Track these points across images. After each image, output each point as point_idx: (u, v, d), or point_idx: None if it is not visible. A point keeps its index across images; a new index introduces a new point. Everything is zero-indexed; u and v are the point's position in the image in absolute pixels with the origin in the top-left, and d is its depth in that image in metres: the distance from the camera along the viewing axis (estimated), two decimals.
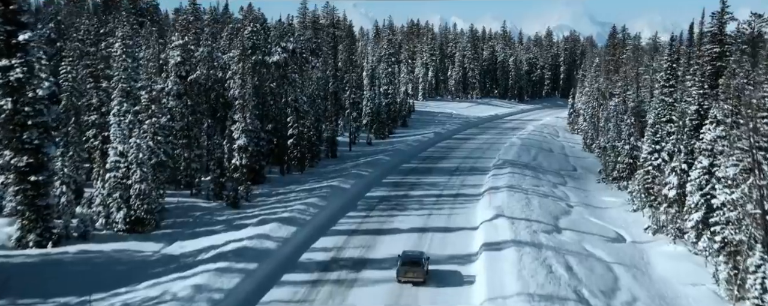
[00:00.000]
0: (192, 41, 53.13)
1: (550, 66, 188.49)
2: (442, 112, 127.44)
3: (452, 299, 31.50)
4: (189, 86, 49.18)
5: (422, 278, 33.06)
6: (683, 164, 46.30)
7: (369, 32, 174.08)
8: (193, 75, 49.10)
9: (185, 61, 49.14)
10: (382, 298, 31.23)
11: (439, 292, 32.17)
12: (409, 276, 33.07)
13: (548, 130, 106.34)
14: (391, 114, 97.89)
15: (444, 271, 34.62)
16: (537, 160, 73.97)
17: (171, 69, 49.04)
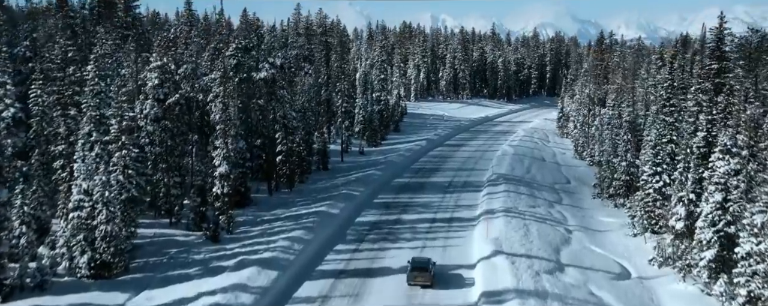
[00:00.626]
0: (173, 60, 47.07)
1: (536, 65, 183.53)
2: (433, 115, 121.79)
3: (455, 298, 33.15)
4: (168, 110, 43.29)
5: (430, 282, 34.68)
6: (691, 194, 40.84)
7: (363, 33, 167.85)
8: (172, 98, 43.18)
9: (163, 83, 43.21)
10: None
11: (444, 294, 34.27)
12: (418, 280, 34.73)
13: (538, 135, 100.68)
14: (383, 120, 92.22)
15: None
16: (530, 172, 68.34)
17: (148, 91, 43.12)
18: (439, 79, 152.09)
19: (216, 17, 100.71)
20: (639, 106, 67.46)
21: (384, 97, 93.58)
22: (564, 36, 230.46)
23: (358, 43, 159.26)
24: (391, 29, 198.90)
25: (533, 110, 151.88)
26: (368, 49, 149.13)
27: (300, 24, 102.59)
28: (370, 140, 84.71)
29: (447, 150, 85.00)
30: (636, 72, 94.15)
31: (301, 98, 68.33)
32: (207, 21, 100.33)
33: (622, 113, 64.36)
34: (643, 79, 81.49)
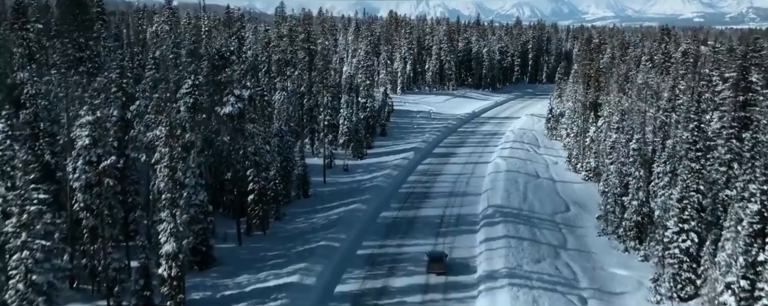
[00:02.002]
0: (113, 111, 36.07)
1: (519, 53, 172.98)
2: (420, 111, 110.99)
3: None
4: (103, 174, 32.50)
5: (445, 271, 39.87)
6: (741, 280, 30.91)
7: (351, 24, 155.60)
8: (108, 160, 32.31)
9: (96, 143, 32.35)
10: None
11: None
12: (435, 269, 39.87)
13: (527, 137, 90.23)
14: (369, 128, 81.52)
15: None
16: (527, 199, 58.04)
17: (78, 152, 32.26)
18: (425, 71, 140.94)
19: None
20: (647, 130, 56.81)
21: (370, 103, 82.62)
22: (542, 20, 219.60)
23: (345, 34, 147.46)
24: (379, 18, 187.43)
25: (518, 102, 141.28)
26: (355, 40, 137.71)
27: (282, 27, 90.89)
28: (356, 152, 74.18)
29: (436, 163, 74.32)
30: (629, 75, 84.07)
31: (280, 117, 57.57)
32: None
33: (630, 140, 53.85)
34: (653, 102, 71.22)
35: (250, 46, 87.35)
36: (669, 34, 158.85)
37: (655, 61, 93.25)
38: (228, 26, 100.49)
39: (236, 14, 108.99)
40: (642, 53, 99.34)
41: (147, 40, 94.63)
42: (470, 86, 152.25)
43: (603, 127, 70.22)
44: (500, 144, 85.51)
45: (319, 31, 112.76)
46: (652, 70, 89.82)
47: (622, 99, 70.70)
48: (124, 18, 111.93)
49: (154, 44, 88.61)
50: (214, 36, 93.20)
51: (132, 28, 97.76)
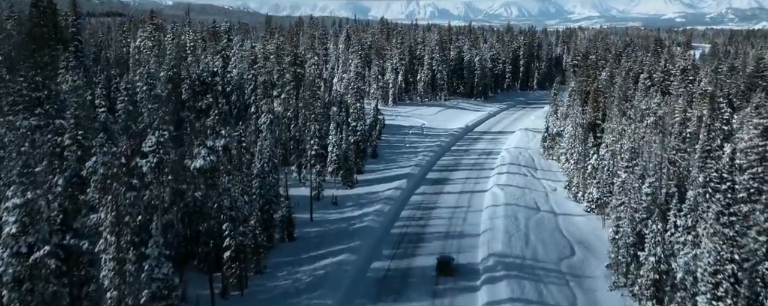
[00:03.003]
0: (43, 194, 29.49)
1: (510, 60, 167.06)
2: (412, 127, 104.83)
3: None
4: (34, 267, 26.18)
5: (452, 273, 44.47)
6: None
7: (342, 32, 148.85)
8: (40, 252, 25.96)
9: (26, 229, 26.04)
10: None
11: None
12: (444, 272, 44.56)
13: (524, 159, 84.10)
14: (359, 152, 75.25)
15: None
16: (529, 242, 51.99)
17: (5, 241, 25.92)
18: (417, 82, 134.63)
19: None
20: (659, 170, 50.76)
21: (361, 126, 76.27)
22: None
23: (336, 42, 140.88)
24: (371, 24, 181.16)
25: (510, 112, 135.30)
26: (346, 49, 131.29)
27: (270, 43, 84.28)
28: (345, 180, 67.94)
29: (429, 192, 68.05)
30: (628, 95, 78.23)
31: (262, 154, 51.22)
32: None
33: (640, 182, 47.77)
34: (644, 113, 65.30)
35: (235, 65, 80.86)
36: (661, 44, 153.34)
37: (654, 79, 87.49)
38: (215, 40, 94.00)
39: (223, 27, 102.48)
40: (640, 69, 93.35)
41: (129, 58, 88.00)
42: (462, 95, 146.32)
43: (606, 156, 64.33)
44: (496, 167, 79.41)
45: (309, 43, 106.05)
46: (653, 89, 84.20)
47: (625, 125, 64.80)
48: (107, 34, 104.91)
49: (135, 63, 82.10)
50: (198, 53, 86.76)
51: (114, 45, 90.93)
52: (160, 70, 63.56)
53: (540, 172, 78.89)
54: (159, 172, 33.20)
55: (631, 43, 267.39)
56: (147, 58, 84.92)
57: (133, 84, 54.50)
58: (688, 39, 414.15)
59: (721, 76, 77.39)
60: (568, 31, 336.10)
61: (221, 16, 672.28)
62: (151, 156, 32.70)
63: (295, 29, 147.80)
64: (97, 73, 68.70)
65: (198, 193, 37.76)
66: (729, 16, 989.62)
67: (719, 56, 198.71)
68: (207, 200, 38.42)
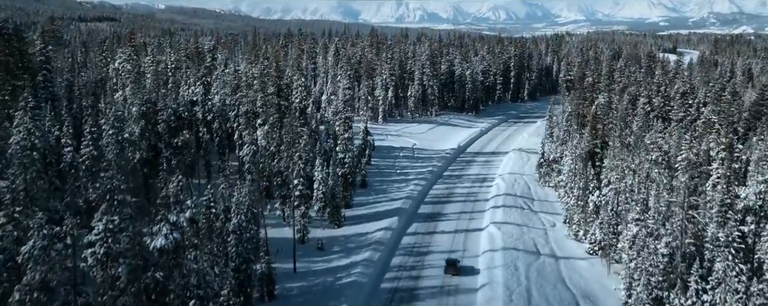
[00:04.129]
0: None
1: (501, 72, 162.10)
2: (403, 148, 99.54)
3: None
4: None
5: (457, 273, 50.43)
6: None
7: (332, 45, 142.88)
8: None
9: None
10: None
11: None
12: (450, 271, 50.56)
13: (520, 188, 78.93)
14: (348, 185, 69.84)
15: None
16: (532, 299, 46.76)
17: None
18: (407, 98, 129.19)
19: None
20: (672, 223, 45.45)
21: (349, 158, 70.76)
22: (526, 41, 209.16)
23: (325, 56, 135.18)
24: (360, 35, 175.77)
25: (503, 128, 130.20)
26: (335, 64, 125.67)
27: (254, 67, 78.50)
28: (332, 218, 62.45)
29: (422, 232, 62.49)
30: (627, 121, 73.31)
31: (240, 208, 45.62)
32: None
33: (657, 246, 42.41)
34: (647, 147, 60.26)
35: (217, 90, 75.21)
36: (654, 59, 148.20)
37: (654, 105, 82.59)
38: (197, 61, 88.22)
39: (207, 46, 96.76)
40: (637, 91, 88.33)
41: (108, 81, 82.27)
42: (453, 109, 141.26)
43: (609, 194, 59.23)
44: (491, 198, 74.15)
45: (297, 58, 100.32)
46: (652, 114, 79.27)
47: (628, 161, 59.67)
48: (86, 55, 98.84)
49: (112, 88, 76.39)
50: (179, 77, 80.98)
51: (91, 69, 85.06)
52: (134, 102, 57.87)
53: (537, 204, 73.74)
54: (107, 260, 27.56)
55: (620, 50, 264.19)
56: (124, 82, 79.28)
57: (99, 127, 48.71)
58: (674, 45, 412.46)
59: (724, 105, 72.41)
60: (557, 39, 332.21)
61: (213, 20, 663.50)
62: (98, 246, 27.06)
63: (282, 49, 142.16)
64: (68, 103, 63.03)
65: (159, 273, 32.20)
66: (711, 20, 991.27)
67: (708, 65, 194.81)
68: (170, 281, 32.84)
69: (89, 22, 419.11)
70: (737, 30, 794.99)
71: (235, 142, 73.99)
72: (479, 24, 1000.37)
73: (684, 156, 58.41)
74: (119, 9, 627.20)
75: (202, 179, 72.39)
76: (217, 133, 73.95)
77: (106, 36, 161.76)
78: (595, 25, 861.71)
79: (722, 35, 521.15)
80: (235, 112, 74.20)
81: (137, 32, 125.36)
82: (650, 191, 56.65)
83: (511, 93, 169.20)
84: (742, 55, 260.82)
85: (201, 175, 72.99)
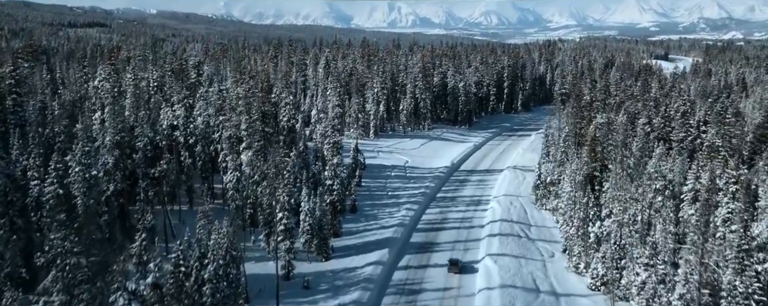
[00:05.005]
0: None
1: (495, 83, 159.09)
2: (395, 166, 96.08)
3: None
4: None
5: (458, 270, 56.15)
6: None
7: (322, 58, 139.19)
8: None
9: None
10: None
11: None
12: (453, 270, 56.38)
13: (516, 213, 75.55)
14: (335, 211, 66.26)
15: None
16: None
17: None
18: (399, 112, 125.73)
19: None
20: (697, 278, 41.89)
21: (338, 185, 67.14)
22: (519, 50, 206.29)
23: (315, 68, 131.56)
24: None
25: (497, 142, 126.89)
26: (324, 78, 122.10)
27: (240, 85, 74.77)
28: (320, 250, 58.80)
29: (414, 265, 59.08)
30: (627, 143, 69.95)
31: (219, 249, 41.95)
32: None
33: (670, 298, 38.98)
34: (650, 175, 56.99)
35: (200, 112, 71.54)
36: (650, 72, 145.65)
37: (654, 125, 79.41)
38: (182, 78, 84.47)
39: (193, 61, 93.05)
40: (635, 110, 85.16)
41: (86, 100, 78.47)
42: (446, 121, 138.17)
43: (612, 227, 55.94)
44: (486, 225, 70.75)
45: (284, 78, 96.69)
46: (652, 135, 76.07)
47: (632, 192, 56.38)
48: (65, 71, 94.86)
49: (90, 109, 72.59)
50: (161, 97, 77.27)
51: (71, 85, 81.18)
52: (108, 131, 54.10)
53: (534, 230, 70.37)
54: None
55: (613, 58, 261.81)
56: (103, 101, 75.49)
57: (66, 164, 44.94)
58: (666, 51, 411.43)
59: (727, 128, 69.27)
60: (550, 46, 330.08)
61: (204, 25, 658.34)
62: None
63: (271, 60, 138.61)
64: (41, 127, 59.15)
65: None
66: (701, 25, 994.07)
67: (702, 75, 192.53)
68: None
69: (79, 28, 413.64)
70: (727, 35, 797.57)
71: (220, 164, 70.37)
72: (471, 29, 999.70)
73: (690, 187, 55.44)
74: (110, 14, 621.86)
75: (184, 206, 68.78)
76: (200, 156, 70.26)
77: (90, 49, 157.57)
78: (587, 30, 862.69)
79: (713, 41, 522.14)
80: (219, 133, 70.63)
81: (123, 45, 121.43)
82: (655, 223, 53.64)
83: (505, 104, 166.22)
84: (735, 64, 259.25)
85: (182, 200, 69.35)
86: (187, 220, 63.49)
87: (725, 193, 51.50)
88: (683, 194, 55.44)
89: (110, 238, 54.19)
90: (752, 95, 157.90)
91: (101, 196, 52.74)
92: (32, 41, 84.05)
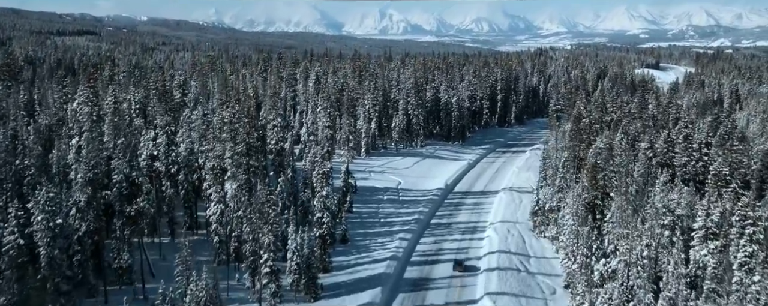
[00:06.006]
0: None
1: (488, 96, 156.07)
2: (388, 188, 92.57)
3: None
4: None
5: (463, 270, 61.87)
6: None
7: (312, 73, 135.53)
8: None
9: None
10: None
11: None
12: (458, 269, 62.28)
13: (514, 243, 72.07)
14: (325, 245, 62.54)
15: None
16: None
17: None
18: (391, 128, 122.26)
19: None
20: None
21: (327, 218, 63.43)
22: (512, 64, 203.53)
23: (305, 84, 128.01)
24: (343, 60, 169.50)
25: (491, 159, 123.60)
26: (315, 94, 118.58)
27: (224, 110, 70.87)
28: (308, 290, 55.03)
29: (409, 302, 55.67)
30: (629, 169, 66.66)
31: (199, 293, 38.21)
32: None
33: None
34: (659, 212, 53.72)
35: (183, 138, 67.75)
36: (647, 87, 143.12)
37: (656, 150, 76.31)
38: (165, 100, 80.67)
39: (178, 81, 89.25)
40: (635, 132, 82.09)
41: (63, 125, 74.55)
42: (439, 137, 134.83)
43: (619, 267, 52.59)
44: (484, 257, 67.24)
45: (271, 101, 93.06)
46: (655, 161, 72.97)
47: (639, 229, 53.16)
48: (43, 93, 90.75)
49: (67, 134, 68.65)
50: (141, 123, 73.45)
51: (46, 110, 77.23)
52: (80, 168, 50.21)
53: (534, 262, 66.95)
54: None
55: (605, 68, 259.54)
56: (82, 125, 71.62)
57: (28, 211, 41.08)
58: (657, 60, 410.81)
59: (735, 156, 66.27)
60: (541, 55, 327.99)
61: (195, 32, 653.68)
62: None
63: (260, 75, 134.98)
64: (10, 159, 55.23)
65: None
66: (689, 32, 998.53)
67: (696, 87, 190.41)
68: None
69: (68, 36, 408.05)
70: (715, 43, 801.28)
71: (204, 192, 66.58)
72: (462, 36, 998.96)
73: (701, 224, 52.14)
74: (100, 21, 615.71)
75: (165, 238, 64.97)
76: (182, 185, 66.46)
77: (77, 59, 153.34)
78: (577, 37, 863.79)
79: (703, 49, 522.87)
80: (203, 160, 66.90)
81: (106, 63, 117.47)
82: (663, 261, 50.53)
83: (498, 117, 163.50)
84: (727, 74, 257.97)
85: (164, 232, 65.55)
86: (167, 255, 59.82)
87: (740, 234, 48.18)
88: (694, 232, 52.12)
89: (83, 280, 50.45)
90: (746, 108, 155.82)
91: (73, 235, 48.93)
92: (10, 60, 79.97)
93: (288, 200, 70.89)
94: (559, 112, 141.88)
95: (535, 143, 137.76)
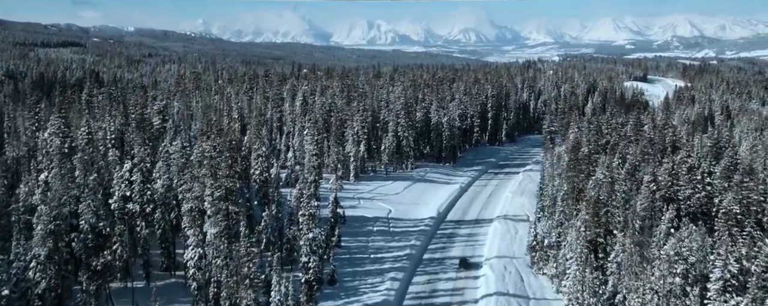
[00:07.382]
0: None
1: (479, 114, 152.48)
2: (378, 218, 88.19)
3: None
4: None
5: (467, 267, 68.34)
6: None
7: (299, 94, 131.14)
8: None
9: None
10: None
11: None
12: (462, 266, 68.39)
13: (512, 282, 67.84)
14: (312, 291, 58.05)
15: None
16: None
17: None
18: (381, 151, 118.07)
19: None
20: None
21: (314, 261, 58.93)
22: (504, 81, 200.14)
23: (293, 104, 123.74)
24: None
25: (483, 182, 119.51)
26: (301, 116, 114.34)
27: (205, 142, 66.28)
28: None
29: None
30: (631, 204, 62.89)
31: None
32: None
33: None
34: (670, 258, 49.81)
35: (160, 173, 63.11)
36: (639, 104, 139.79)
37: (660, 183, 72.59)
38: (143, 129, 76.00)
39: (158, 106, 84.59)
40: (635, 160, 78.37)
41: (34, 157, 69.77)
42: (430, 158, 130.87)
43: None
44: (481, 299, 62.99)
45: (257, 131, 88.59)
46: (658, 195, 69.24)
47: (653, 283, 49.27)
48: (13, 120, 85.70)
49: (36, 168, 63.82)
50: (121, 151, 68.68)
51: (14, 142, 72.27)
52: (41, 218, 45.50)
53: (533, 304, 62.75)
54: None
55: (595, 82, 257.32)
56: (52, 158, 67.00)
57: None
58: (645, 72, 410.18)
59: (745, 194, 62.62)
60: (530, 67, 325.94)
61: (183, 43, 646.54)
62: None
63: (246, 93, 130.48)
64: None
65: None
66: (674, 43, 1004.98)
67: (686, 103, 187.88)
68: None
69: (53, 47, 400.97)
70: (699, 53, 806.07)
71: (182, 232, 61.93)
72: (450, 46, 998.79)
73: (718, 276, 48.24)
74: (87, 32, 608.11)
75: (139, 281, 60.19)
76: (159, 224, 61.77)
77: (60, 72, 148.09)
78: (564, 48, 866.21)
79: (688, 61, 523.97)
80: (181, 197, 62.26)
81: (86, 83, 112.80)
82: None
83: (489, 135, 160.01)
84: (716, 89, 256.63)
85: (138, 275, 60.77)
86: (141, 303, 55.12)
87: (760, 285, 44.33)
88: (709, 282, 48.22)
89: None
90: (738, 124, 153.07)
91: (33, 288, 44.25)
92: None
93: (272, 236, 66.52)
94: (552, 134, 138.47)
95: (528, 163, 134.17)
